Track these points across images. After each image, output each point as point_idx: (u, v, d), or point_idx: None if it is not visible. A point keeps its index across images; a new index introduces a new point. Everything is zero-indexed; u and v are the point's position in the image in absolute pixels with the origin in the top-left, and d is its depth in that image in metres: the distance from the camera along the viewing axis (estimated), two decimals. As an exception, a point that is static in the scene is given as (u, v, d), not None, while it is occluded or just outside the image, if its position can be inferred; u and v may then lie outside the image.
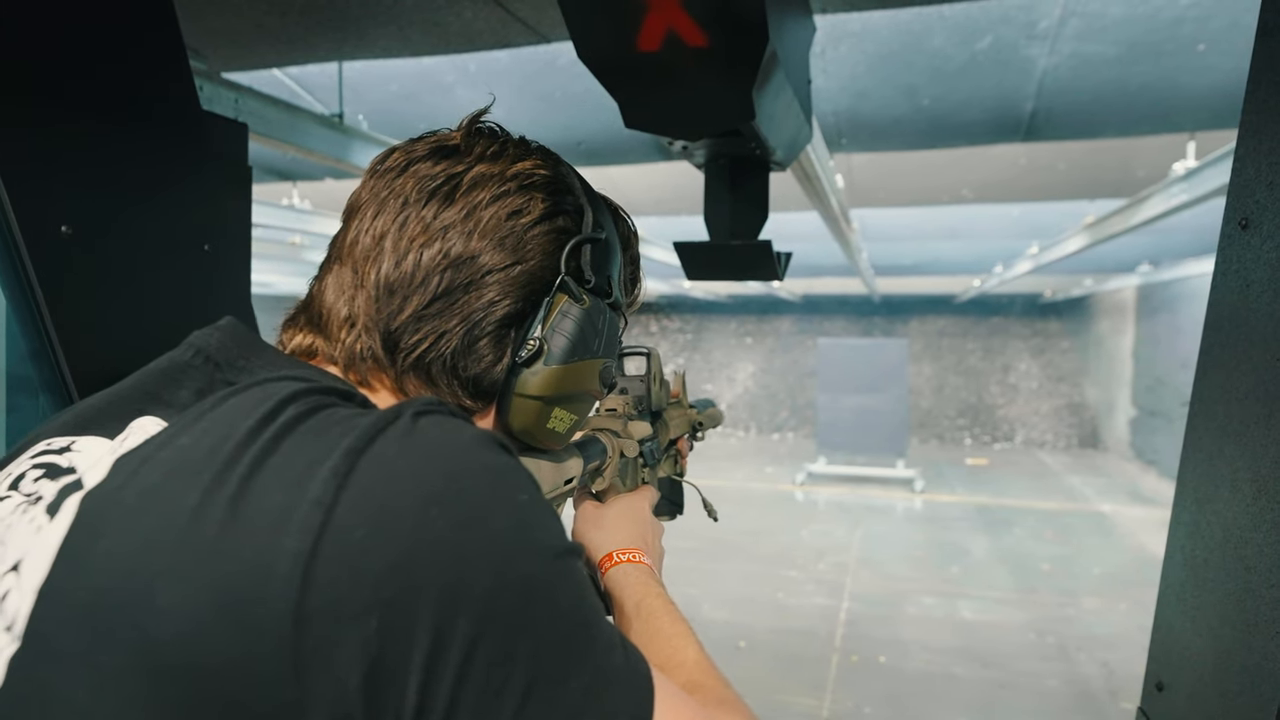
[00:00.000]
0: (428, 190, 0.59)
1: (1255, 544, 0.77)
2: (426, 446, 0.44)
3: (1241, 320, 0.81)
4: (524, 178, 0.61)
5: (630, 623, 0.69)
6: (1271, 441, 0.74)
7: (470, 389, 0.61)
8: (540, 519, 0.46)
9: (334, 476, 0.41)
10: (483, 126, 0.65)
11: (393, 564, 0.40)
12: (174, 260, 1.14)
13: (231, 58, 2.30)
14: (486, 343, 0.60)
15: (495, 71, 3.07)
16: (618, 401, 0.95)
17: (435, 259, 0.58)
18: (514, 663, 0.41)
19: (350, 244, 0.61)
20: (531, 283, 0.61)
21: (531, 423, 0.64)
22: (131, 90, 1.07)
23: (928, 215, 5.71)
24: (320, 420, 0.45)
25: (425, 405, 0.48)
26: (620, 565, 0.76)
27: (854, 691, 4.09)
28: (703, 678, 0.61)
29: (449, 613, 0.40)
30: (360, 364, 0.59)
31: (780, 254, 1.45)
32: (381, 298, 0.58)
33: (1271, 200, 0.76)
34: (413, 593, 0.39)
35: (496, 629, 0.41)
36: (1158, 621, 1.03)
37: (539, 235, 0.61)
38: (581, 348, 0.64)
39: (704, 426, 1.22)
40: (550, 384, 0.62)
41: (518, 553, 0.43)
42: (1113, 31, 2.51)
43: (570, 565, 0.46)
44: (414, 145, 0.63)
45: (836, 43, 2.69)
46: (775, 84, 1.18)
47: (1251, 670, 0.77)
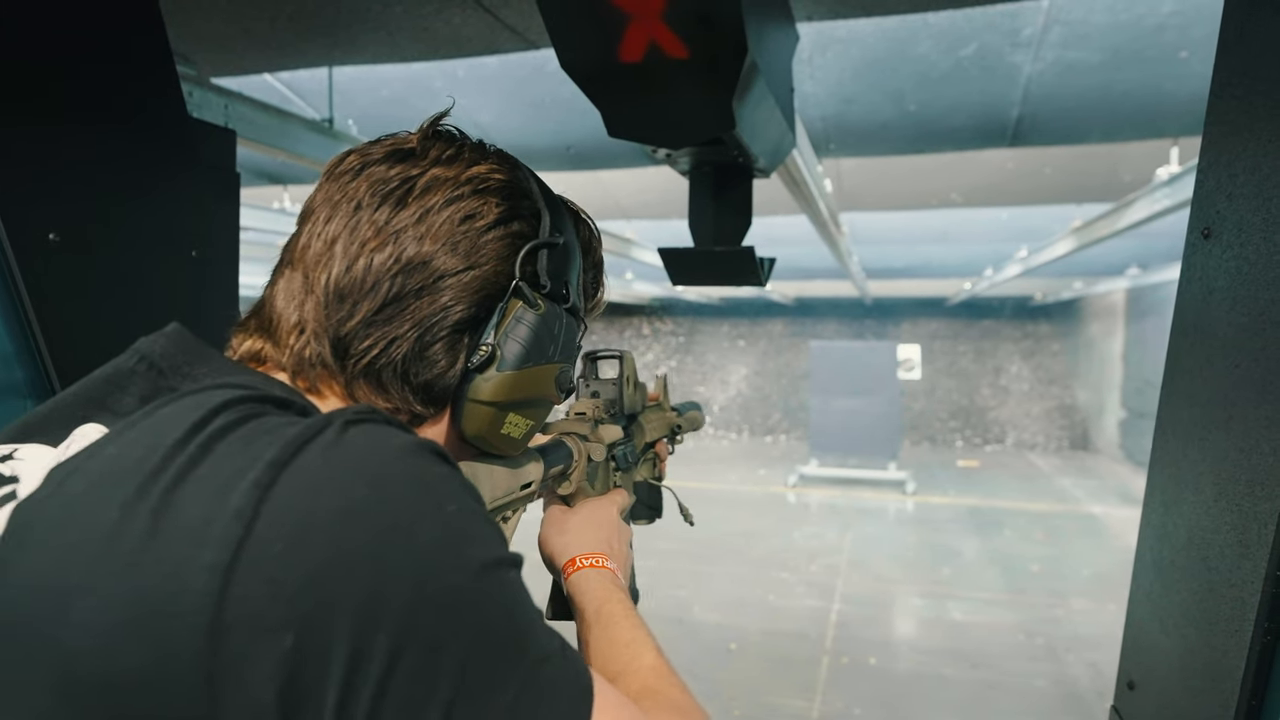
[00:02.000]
0: (381, 193, 0.59)
1: (1216, 545, 0.79)
2: (352, 457, 0.43)
3: (1204, 327, 0.83)
4: (479, 181, 0.61)
5: (589, 628, 0.69)
6: (1231, 446, 0.77)
7: (422, 395, 0.60)
8: (471, 530, 0.45)
9: (255, 488, 0.40)
10: (440, 130, 0.64)
11: (310, 577, 0.39)
12: (162, 266, 1.15)
13: (221, 63, 2.31)
14: (439, 348, 0.59)
15: (484, 77, 3.08)
16: (587, 405, 0.94)
17: (386, 263, 0.57)
18: (437, 677, 0.40)
19: (302, 248, 0.60)
20: (485, 288, 0.60)
21: (485, 428, 0.63)
22: (119, 98, 1.08)
23: (917, 219, 5.75)
24: (249, 430, 0.44)
25: (357, 414, 0.46)
26: (583, 570, 0.76)
27: (844, 693, 4.11)
28: (658, 683, 0.61)
29: (368, 627, 0.39)
30: (309, 370, 0.58)
31: (763, 259, 1.47)
32: (331, 303, 0.57)
33: (1231, 210, 0.78)
34: (330, 607, 0.39)
35: (418, 643, 0.40)
36: (1129, 621, 1.05)
37: (493, 240, 0.61)
38: (536, 353, 0.63)
39: (682, 430, 1.22)
40: (503, 389, 0.62)
41: (442, 565, 0.42)
42: (1096, 39, 2.54)
43: (501, 577, 0.45)
44: (370, 148, 0.62)
45: (823, 49, 2.72)
46: (756, 94, 1.20)
47: (1213, 667, 0.79)
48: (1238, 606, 0.75)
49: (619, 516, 0.88)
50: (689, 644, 4.70)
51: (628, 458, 1.01)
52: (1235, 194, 0.78)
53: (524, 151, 3.86)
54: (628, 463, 1.01)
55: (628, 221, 5.64)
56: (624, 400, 1.00)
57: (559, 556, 0.80)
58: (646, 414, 1.12)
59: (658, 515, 1.17)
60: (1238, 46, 0.78)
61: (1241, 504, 0.74)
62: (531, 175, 0.67)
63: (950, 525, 7.72)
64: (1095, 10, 2.41)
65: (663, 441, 1.17)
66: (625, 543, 0.87)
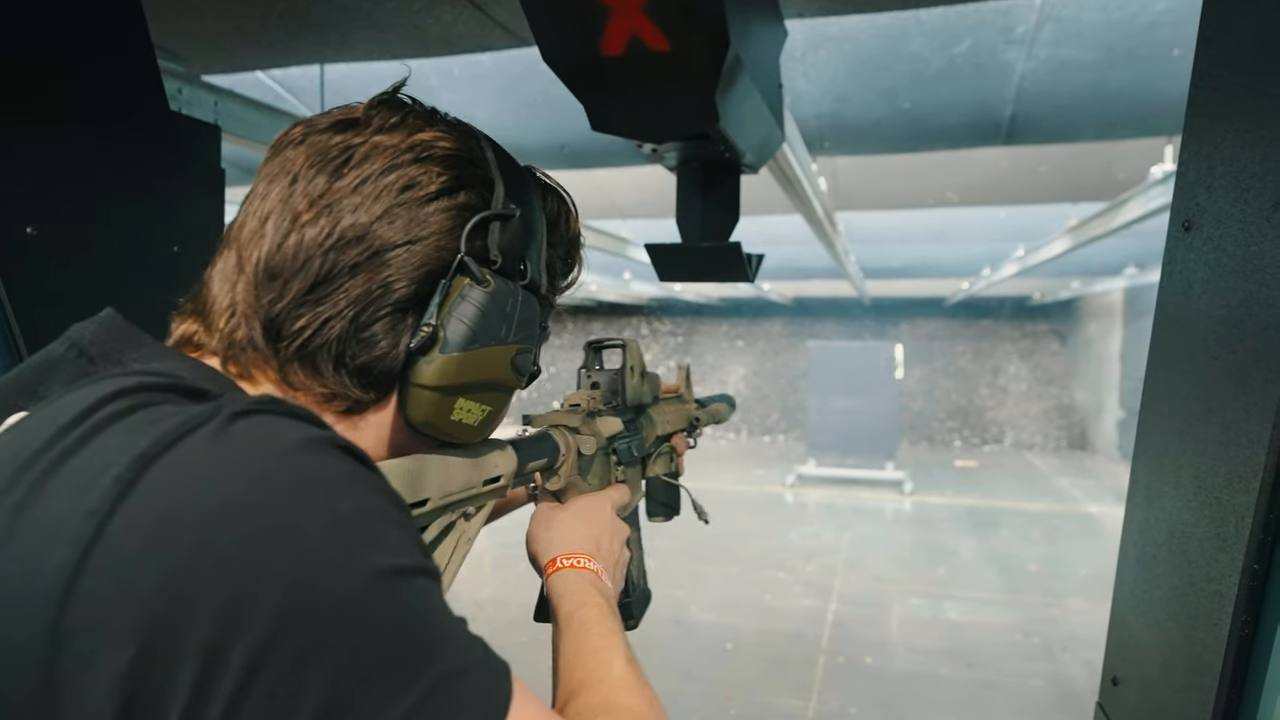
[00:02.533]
0: (318, 163, 0.55)
1: (1196, 539, 0.79)
2: (234, 451, 0.40)
3: (1184, 320, 0.83)
4: (422, 149, 0.57)
5: (561, 633, 0.66)
6: (1210, 439, 0.76)
7: (360, 379, 0.56)
8: (368, 533, 0.41)
9: (116, 484, 0.37)
10: (389, 98, 0.60)
11: (165, 580, 0.36)
12: (143, 261, 1.14)
13: (212, 61, 2.30)
14: (379, 328, 0.55)
15: (478, 75, 3.08)
16: (583, 396, 0.90)
17: (319, 238, 0.54)
18: (301, 693, 0.36)
19: (238, 227, 0.57)
20: (428, 263, 0.56)
21: (432, 414, 0.58)
22: (100, 92, 1.08)
23: (914, 218, 5.75)
24: (135, 420, 0.41)
25: (251, 404, 0.43)
26: (562, 571, 0.73)
27: (840, 692, 4.10)
28: (622, 696, 0.58)
29: (226, 636, 0.36)
30: (241, 354, 0.55)
31: (751, 255, 1.47)
32: (261, 283, 0.54)
33: (1211, 203, 0.78)
34: (183, 612, 0.35)
35: (283, 655, 0.36)
36: (1113, 618, 1.05)
37: (436, 211, 0.56)
38: (485, 333, 0.59)
39: (701, 423, 1.16)
40: (448, 373, 0.57)
41: (323, 570, 0.38)
42: (1089, 36, 2.54)
43: (401, 585, 0.41)
44: (318, 118, 0.59)
45: (816, 47, 2.72)
46: (741, 88, 1.19)
47: (1193, 662, 0.79)
48: (1216, 600, 0.74)
49: (612, 513, 0.84)
50: (685, 644, 4.69)
51: (633, 451, 0.95)
52: (1214, 186, 0.77)
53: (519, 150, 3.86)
54: (632, 457, 0.95)
55: (624, 221, 5.63)
56: (627, 391, 0.96)
57: (541, 555, 0.76)
58: (659, 406, 1.07)
59: (674, 513, 1.12)
60: (1217, 38, 0.78)
61: (1220, 497, 0.74)
62: (489, 144, 0.63)
63: (948, 525, 7.72)
64: (1088, 8, 2.41)
65: (680, 435, 1.12)
66: (618, 541, 0.82)
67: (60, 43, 1.03)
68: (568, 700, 0.60)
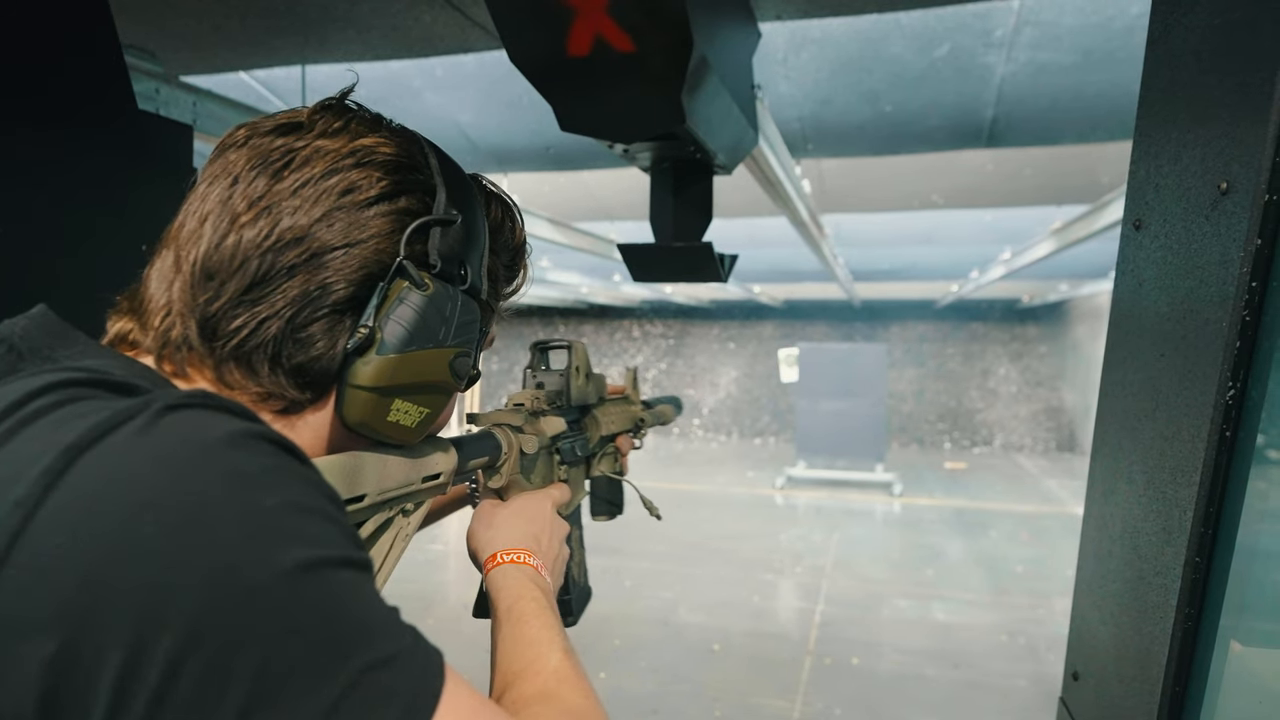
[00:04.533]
0: (259, 165, 0.56)
1: (1146, 533, 0.80)
2: (161, 445, 0.40)
3: (1135, 317, 0.84)
4: (363, 154, 0.58)
5: (500, 626, 0.67)
6: (1157, 434, 0.77)
7: (295, 379, 0.57)
8: (290, 526, 0.41)
9: (44, 476, 0.38)
10: (334, 102, 0.61)
11: (88, 576, 0.36)
12: (108, 261, 1.14)
13: (192, 61, 2.30)
14: (316, 329, 0.56)
15: (461, 76, 3.08)
16: (526, 396, 0.91)
17: (257, 239, 0.54)
18: (227, 684, 0.37)
19: (178, 227, 0.57)
20: (367, 266, 0.57)
21: (368, 415, 0.59)
22: (66, 92, 1.08)
23: (901, 221, 5.77)
24: (63, 415, 0.41)
25: (182, 398, 0.43)
26: (502, 566, 0.74)
27: (826, 693, 4.11)
28: (558, 687, 0.59)
29: (150, 629, 0.36)
30: (176, 353, 0.56)
31: (723, 256, 1.47)
32: (198, 282, 0.55)
33: (1159, 202, 0.79)
34: (107, 606, 0.36)
35: (206, 648, 0.36)
36: (1074, 613, 1.06)
37: (375, 215, 0.57)
38: (422, 336, 0.59)
39: (646, 425, 1.18)
40: (384, 374, 0.58)
41: (246, 563, 0.39)
42: (1067, 40, 2.56)
43: (324, 576, 0.41)
44: (261, 121, 0.59)
45: (798, 50, 2.73)
46: (709, 89, 1.20)
47: (1142, 655, 0.80)
48: (1162, 593, 0.75)
49: (553, 511, 0.85)
50: (673, 645, 4.69)
51: (576, 451, 0.97)
52: (1161, 185, 0.78)
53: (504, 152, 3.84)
54: (575, 456, 0.97)
55: (611, 223, 5.63)
56: (571, 391, 0.97)
57: (482, 551, 0.77)
58: (605, 406, 1.09)
59: (618, 511, 1.14)
60: (1162, 40, 0.79)
61: (1165, 491, 0.75)
62: (432, 150, 0.64)
63: (936, 527, 7.74)
64: (1065, 12, 2.43)
65: (625, 436, 1.14)
66: (558, 538, 0.84)
67: (25, 42, 1.03)
68: (504, 691, 0.60)
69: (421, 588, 5.49)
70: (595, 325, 14.89)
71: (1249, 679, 0.69)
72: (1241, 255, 0.60)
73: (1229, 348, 0.63)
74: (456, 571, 5.86)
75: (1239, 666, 0.69)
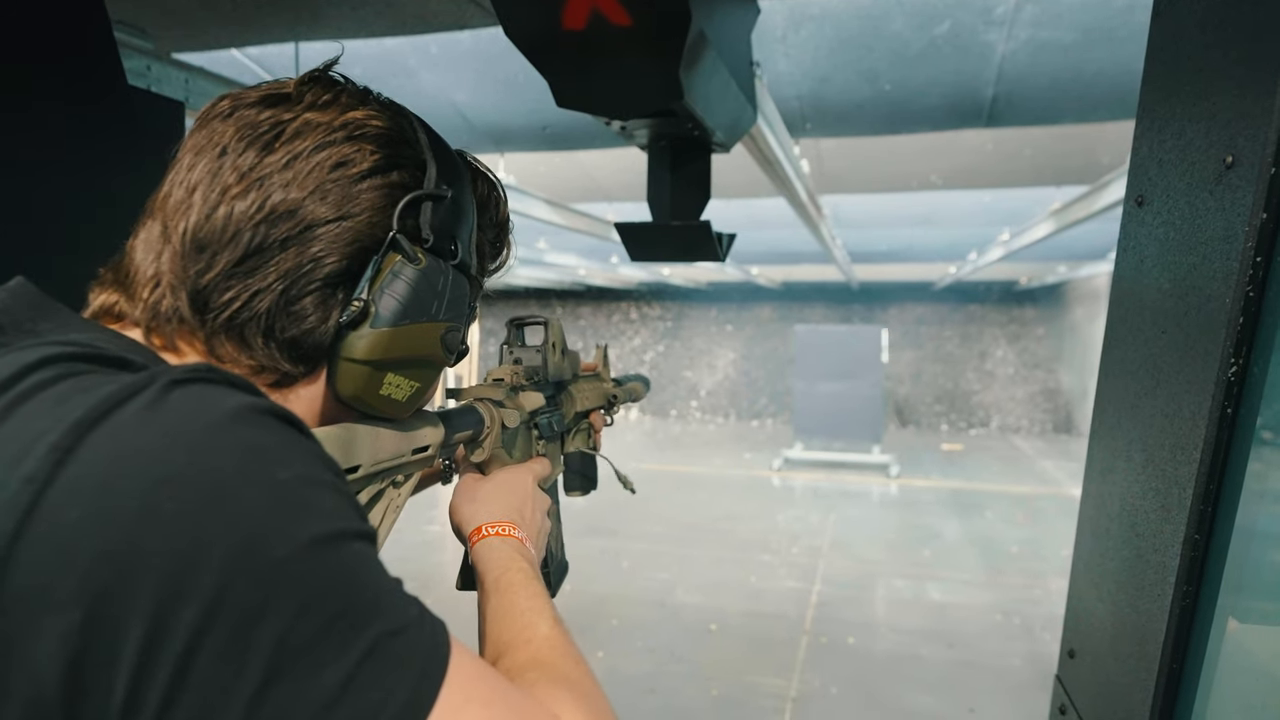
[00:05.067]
0: (248, 138, 0.55)
1: (1144, 511, 0.80)
2: (171, 420, 0.40)
3: (1136, 295, 0.83)
4: (355, 127, 0.57)
5: (487, 598, 0.67)
6: (1157, 412, 0.77)
7: (289, 352, 0.56)
8: (307, 499, 0.42)
9: (53, 452, 0.37)
10: (321, 75, 0.60)
11: (108, 550, 0.36)
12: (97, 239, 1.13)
13: (184, 38, 2.27)
14: (309, 302, 0.56)
15: (457, 54, 3.05)
16: (506, 371, 0.92)
17: (249, 211, 0.54)
18: (247, 655, 0.37)
19: (163, 197, 0.56)
20: (359, 239, 0.57)
21: (362, 389, 0.59)
22: (54, 68, 1.06)
23: (900, 202, 5.75)
24: (63, 389, 0.41)
25: (187, 373, 0.43)
26: (487, 539, 0.74)
27: (821, 672, 4.15)
28: (549, 654, 0.59)
29: (172, 602, 0.36)
30: (165, 326, 0.55)
31: (721, 235, 1.46)
32: (189, 253, 0.54)
33: (1162, 178, 0.78)
34: (129, 581, 0.36)
35: (228, 619, 0.37)
36: (1071, 592, 1.06)
37: (368, 189, 0.57)
38: (415, 310, 0.60)
39: (619, 401, 1.19)
40: (378, 347, 0.58)
41: (264, 536, 0.39)
42: (1068, 18, 2.53)
43: (340, 549, 0.42)
44: (246, 92, 0.58)
45: (797, 27, 2.70)
46: (707, 64, 1.18)
47: (1139, 632, 0.80)
48: (1160, 571, 0.75)
49: (534, 485, 0.85)
50: (670, 625, 4.72)
51: (553, 426, 0.98)
52: (1164, 160, 0.77)
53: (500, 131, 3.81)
54: (553, 431, 0.98)
55: (609, 204, 5.60)
56: (549, 367, 0.98)
57: (466, 525, 0.77)
58: (579, 383, 1.10)
59: (592, 486, 1.16)
60: (1168, 13, 0.78)
61: (1164, 469, 0.74)
62: (420, 125, 0.63)
63: (933, 508, 7.78)
64: (1067, -12, 2.41)
65: (598, 412, 1.15)
66: (540, 512, 0.84)
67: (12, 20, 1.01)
68: (496, 660, 0.60)
69: (419, 568, 5.52)
70: (593, 307, 14.86)
71: (1246, 657, 0.70)
72: (1246, 230, 0.60)
73: (1231, 324, 0.62)
74: (453, 553, 5.88)
75: (1236, 644, 0.69)
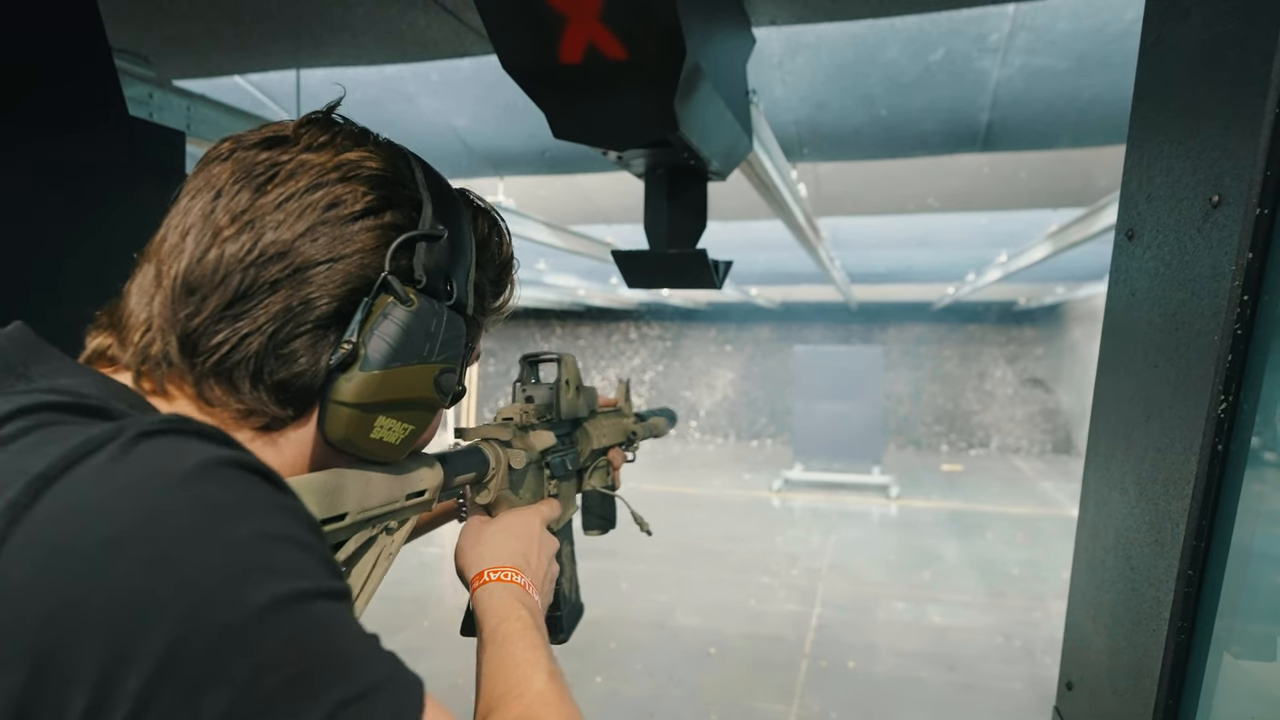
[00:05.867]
0: (243, 179, 0.55)
1: (1138, 544, 0.80)
2: (131, 476, 0.39)
3: (1128, 327, 0.84)
4: (349, 168, 0.57)
5: (484, 647, 0.66)
6: (1150, 445, 0.77)
7: (277, 395, 0.56)
8: (265, 558, 0.40)
9: (10, 510, 0.37)
10: (320, 116, 0.60)
11: (54, 611, 0.35)
12: (102, 268, 1.13)
13: (186, 66, 2.30)
14: (299, 344, 0.55)
15: (457, 80, 3.08)
16: (515, 410, 0.90)
17: (239, 253, 0.54)
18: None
19: (159, 241, 0.56)
20: (351, 281, 0.56)
21: (352, 432, 0.58)
22: (56, 99, 1.07)
23: (897, 223, 5.78)
24: (33, 441, 0.41)
25: (157, 424, 0.42)
26: (488, 585, 0.73)
27: (822, 696, 4.11)
28: (541, 710, 0.59)
29: (116, 668, 0.35)
30: (155, 370, 0.55)
31: (717, 262, 1.47)
32: (179, 297, 0.54)
33: (1151, 213, 0.79)
34: (73, 644, 0.35)
35: (174, 688, 0.36)
36: (1068, 623, 1.06)
37: (360, 230, 0.56)
38: (407, 352, 0.59)
39: (639, 438, 1.17)
40: (367, 390, 0.57)
41: (214, 598, 0.38)
42: (1061, 45, 2.56)
43: (298, 610, 0.40)
44: (246, 134, 0.59)
45: (794, 54, 2.73)
46: (702, 95, 1.20)
47: (1136, 666, 0.79)
48: (1155, 605, 0.75)
49: (542, 527, 0.84)
50: (669, 648, 4.69)
51: (566, 465, 0.96)
52: (1154, 195, 0.78)
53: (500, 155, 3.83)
54: (566, 470, 0.96)
55: (608, 226, 5.63)
56: (561, 405, 0.96)
57: (469, 569, 0.76)
58: (596, 420, 1.08)
59: (611, 525, 1.13)
60: (1155, 50, 0.79)
61: (1158, 503, 0.75)
62: (419, 164, 0.63)
63: (932, 529, 7.74)
64: (1060, 17, 2.43)
65: (617, 449, 1.12)
66: (547, 555, 0.82)
67: (14, 49, 1.02)
68: (487, 714, 0.59)
69: (416, 590, 5.48)
70: (592, 327, 14.88)
71: (1242, 691, 0.69)
72: (1233, 269, 0.60)
73: (1221, 360, 0.63)
74: (451, 575, 5.84)
75: (1232, 678, 0.69)
